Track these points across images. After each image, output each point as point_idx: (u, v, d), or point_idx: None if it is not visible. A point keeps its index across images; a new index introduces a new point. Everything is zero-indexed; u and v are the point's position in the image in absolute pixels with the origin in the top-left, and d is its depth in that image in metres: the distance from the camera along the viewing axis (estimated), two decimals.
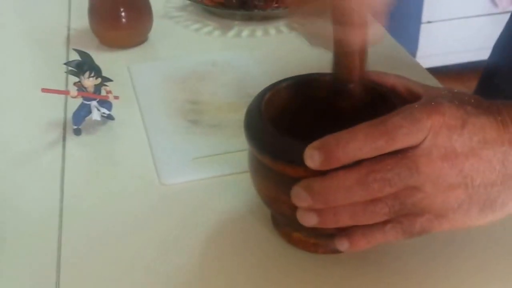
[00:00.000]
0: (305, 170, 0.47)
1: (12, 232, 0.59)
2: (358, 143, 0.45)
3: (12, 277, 0.55)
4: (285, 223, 0.57)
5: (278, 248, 0.57)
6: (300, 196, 0.48)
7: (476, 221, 0.48)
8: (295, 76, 0.58)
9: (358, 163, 0.45)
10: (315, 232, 0.50)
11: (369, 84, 0.56)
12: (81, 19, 0.96)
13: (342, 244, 0.49)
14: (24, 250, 0.57)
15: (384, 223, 0.47)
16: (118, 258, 0.56)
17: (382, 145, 0.45)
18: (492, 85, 0.90)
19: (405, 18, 2.38)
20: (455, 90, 0.51)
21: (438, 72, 0.83)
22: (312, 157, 0.46)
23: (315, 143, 0.46)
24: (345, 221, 0.47)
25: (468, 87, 0.70)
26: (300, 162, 0.46)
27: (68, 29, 1.00)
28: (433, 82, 0.79)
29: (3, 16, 1.07)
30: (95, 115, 0.72)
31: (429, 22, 2.45)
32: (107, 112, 0.73)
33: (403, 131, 0.44)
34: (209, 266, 0.55)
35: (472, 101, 0.48)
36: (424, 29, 2.46)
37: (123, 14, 0.90)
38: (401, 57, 0.92)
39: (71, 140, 0.72)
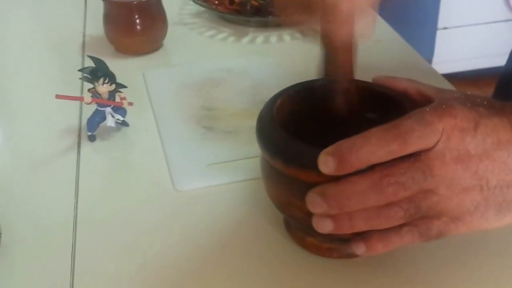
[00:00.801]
0: (319, 175, 0.46)
1: (26, 238, 0.59)
2: (371, 147, 0.45)
3: (26, 283, 0.55)
4: (298, 228, 0.56)
5: (292, 253, 0.56)
6: (314, 202, 0.47)
7: (493, 223, 0.47)
8: (305, 81, 0.58)
9: (371, 167, 0.45)
10: (329, 236, 0.49)
11: (381, 89, 0.56)
12: (96, 26, 0.96)
13: (359, 248, 0.49)
14: (38, 256, 0.57)
15: (401, 226, 0.47)
16: (132, 263, 0.56)
17: (395, 149, 0.44)
18: (509, 91, 0.89)
19: (421, 25, 2.38)
20: (468, 93, 0.51)
21: (454, 78, 0.83)
22: (326, 162, 0.46)
23: (329, 149, 0.46)
24: (360, 226, 0.47)
25: (485, 93, 0.69)
26: (314, 167, 0.46)
27: (84, 36, 1.00)
28: (449, 88, 0.79)
29: (19, 23, 1.08)
30: (110, 122, 0.72)
31: (445, 28, 2.44)
32: (121, 118, 0.73)
33: (416, 134, 0.44)
34: (223, 271, 0.55)
35: (485, 102, 0.48)
36: (440, 35, 2.45)
37: (137, 21, 0.91)
38: (417, 63, 0.91)
39: (86, 146, 0.72)
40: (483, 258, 0.55)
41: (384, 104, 0.55)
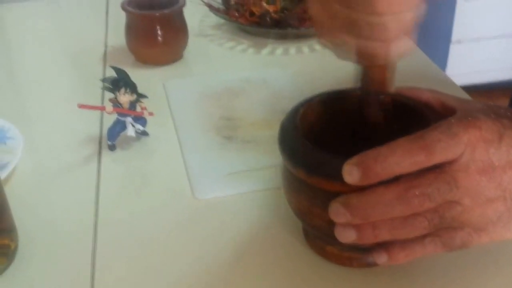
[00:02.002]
0: (342, 185, 0.47)
1: (46, 245, 0.60)
2: (397, 158, 0.45)
3: None
4: (317, 236, 0.56)
5: (311, 262, 0.56)
6: (338, 212, 0.47)
7: None
8: (328, 91, 0.58)
9: (396, 178, 0.45)
10: (349, 245, 0.49)
11: (403, 99, 0.56)
12: (118, 37, 0.97)
13: (381, 258, 0.49)
14: (57, 263, 0.58)
15: (423, 236, 0.47)
16: (152, 271, 0.56)
17: (421, 160, 0.44)
18: None
19: (434, 38, 2.37)
20: (490, 103, 0.51)
21: (466, 91, 0.83)
22: (351, 173, 0.46)
23: (354, 159, 0.46)
24: (384, 235, 0.47)
25: None
26: (337, 177, 0.46)
27: (105, 47, 1.01)
28: (467, 98, 0.79)
29: (42, 33, 1.10)
30: (130, 131, 0.72)
31: (458, 41, 2.43)
32: (141, 128, 0.73)
33: (441, 145, 0.44)
34: (241, 280, 0.55)
35: (509, 114, 0.48)
36: (453, 49, 2.45)
37: (159, 32, 0.91)
38: (436, 75, 0.92)
39: (106, 155, 0.73)
40: (502, 266, 0.55)
41: (406, 115, 0.55)
